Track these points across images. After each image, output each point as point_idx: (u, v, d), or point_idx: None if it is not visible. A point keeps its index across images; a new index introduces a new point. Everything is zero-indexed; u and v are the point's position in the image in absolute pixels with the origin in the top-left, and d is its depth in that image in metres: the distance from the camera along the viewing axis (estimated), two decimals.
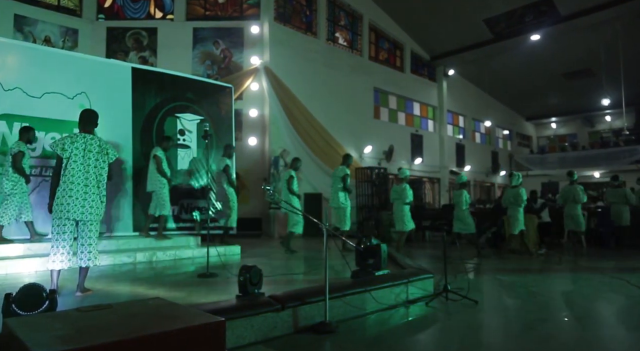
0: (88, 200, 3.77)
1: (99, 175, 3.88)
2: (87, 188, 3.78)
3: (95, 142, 3.89)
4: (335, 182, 7.84)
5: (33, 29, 11.52)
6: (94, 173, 3.82)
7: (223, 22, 12.70)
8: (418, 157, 17.54)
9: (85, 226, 3.85)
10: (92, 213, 3.80)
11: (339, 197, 7.73)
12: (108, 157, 3.94)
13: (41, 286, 2.41)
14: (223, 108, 8.63)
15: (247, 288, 3.22)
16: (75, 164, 3.77)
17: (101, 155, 3.89)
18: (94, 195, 3.81)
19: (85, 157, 3.80)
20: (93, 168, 3.82)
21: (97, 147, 3.88)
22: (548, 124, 27.49)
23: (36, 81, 6.46)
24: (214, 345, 1.81)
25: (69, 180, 3.75)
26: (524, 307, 4.34)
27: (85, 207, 3.76)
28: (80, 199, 3.74)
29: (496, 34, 16.44)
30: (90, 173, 3.81)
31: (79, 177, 3.76)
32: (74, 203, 3.73)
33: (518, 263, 7.25)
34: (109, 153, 3.95)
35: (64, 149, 3.78)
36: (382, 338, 3.33)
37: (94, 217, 3.82)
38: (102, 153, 3.90)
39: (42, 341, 1.50)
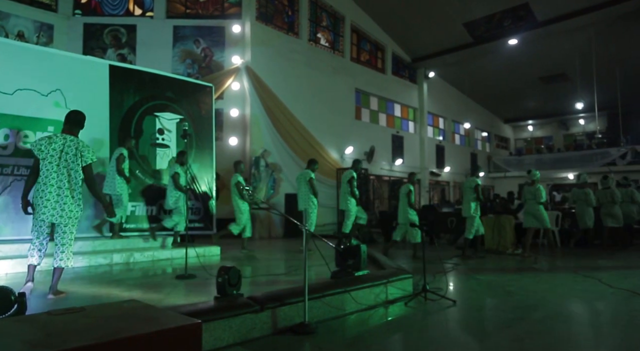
0: (60, 202, 3.76)
1: (74, 178, 3.82)
2: (60, 190, 3.76)
3: (74, 144, 3.84)
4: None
5: (5, 23, 11.18)
6: (68, 175, 3.79)
7: (204, 21, 12.57)
8: (399, 158, 17.70)
9: (59, 228, 3.83)
10: (65, 216, 3.78)
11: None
12: (82, 159, 3.85)
13: (9, 289, 2.33)
14: (203, 108, 8.54)
15: (225, 289, 3.18)
16: (50, 165, 3.75)
17: (76, 158, 3.83)
18: (67, 198, 3.78)
19: (61, 159, 3.77)
20: (68, 171, 3.79)
21: (74, 149, 3.83)
22: (525, 127, 28.13)
23: (8, 77, 6.27)
24: (190, 348, 1.78)
25: (43, 181, 3.75)
26: (500, 306, 4.41)
27: (57, 209, 3.75)
28: (53, 201, 3.74)
29: (476, 37, 16.73)
30: (64, 175, 3.77)
31: (53, 179, 3.74)
32: (48, 205, 3.72)
33: (495, 263, 7.38)
34: (84, 156, 3.86)
35: (40, 150, 3.76)
36: (361, 339, 3.34)
37: (67, 219, 3.80)
38: (77, 156, 3.83)
39: (10, 347, 1.45)
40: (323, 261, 4.33)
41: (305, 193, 7.81)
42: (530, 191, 8.07)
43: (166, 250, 6.76)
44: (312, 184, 7.83)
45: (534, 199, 7.96)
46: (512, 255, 8.15)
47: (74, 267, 5.50)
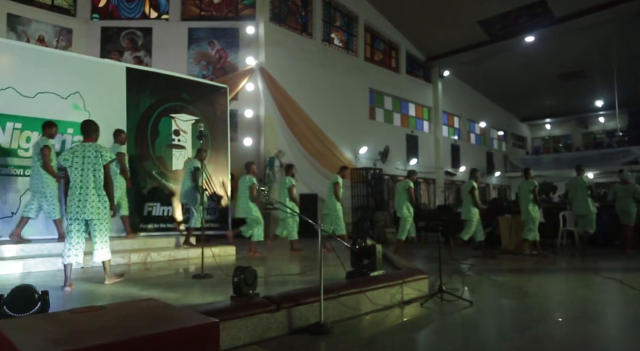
0: (88, 200, 4.19)
1: (97, 178, 4.26)
2: (86, 190, 4.21)
3: (93, 148, 4.30)
4: None
5: (27, 28, 11.44)
6: (92, 176, 4.24)
7: (218, 23, 12.68)
8: (413, 158, 17.59)
9: (91, 225, 4.30)
10: (94, 213, 4.21)
11: None
12: (102, 159, 4.29)
13: (33, 287, 2.39)
14: (218, 109, 8.61)
15: (241, 289, 3.21)
16: (76, 170, 4.24)
17: (97, 160, 4.27)
18: (93, 196, 4.21)
19: (84, 163, 4.25)
20: (91, 173, 4.24)
21: (94, 152, 4.29)
22: (542, 125, 27.68)
23: (29, 81, 6.42)
24: (208, 347, 1.80)
25: (71, 185, 4.25)
26: (518, 307, 4.35)
27: (84, 207, 4.18)
28: (77, 200, 4.19)
29: (491, 35, 16.53)
30: (89, 177, 4.23)
31: (79, 181, 4.22)
32: (74, 204, 4.19)
33: (512, 263, 7.28)
34: (103, 156, 4.30)
35: (66, 160, 4.28)
36: (377, 339, 3.33)
37: (96, 215, 4.23)
38: (98, 157, 4.28)
39: (34, 343, 1.48)
40: (337, 261, 4.32)
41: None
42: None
43: (182, 250, 6.83)
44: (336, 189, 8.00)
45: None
46: (529, 256, 8.03)
47: (93, 266, 5.62)
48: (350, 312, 3.72)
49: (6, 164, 6.17)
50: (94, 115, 6.94)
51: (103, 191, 4.29)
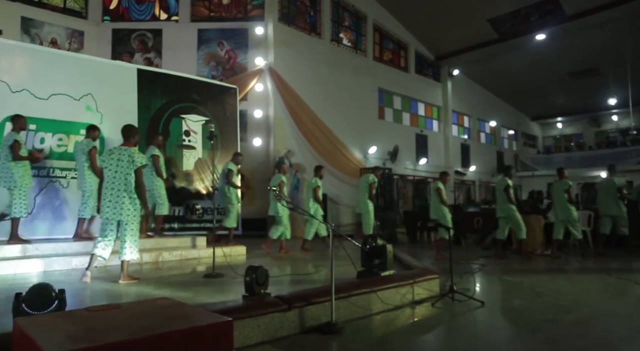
0: (119, 202, 4.42)
1: (129, 181, 4.46)
2: (118, 192, 4.43)
3: (127, 152, 4.51)
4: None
5: (40, 31, 11.61)
6: (123, 179, 4.44)
7: (227, 23, 12.74)
8: (423, 157, 17.52)
9: (122, 225, 4.50)
10: (124, 214, 4.42)
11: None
12: (134, 164, 4.48)
13: (51, 286, 2.43)
14: (228, 109, 8.67)
15: (253, 288, 3.23)
16: (110, 172, 4.48)
17: (129, 164, 4.47)
18: (125, 199, 4.42)
19: (118, 166, 4.47)
20: (123, 176, 4.45)
21: (128, 156, 4.49)
22: (554, 124, 27.38)
23: (43, 83, 6.52)
24: (222, 345, 1.82)
25: (105, 186, 4.51)
26: (530, 308, 4.32)
27: (117, 208, 4.41)
28: (111, 201, 4.43)
29: (501, 33, 16.39)
30: (121, 180, 4.44)
31: (112, 183, 4.46)
32: (110, 205, 4.43)
33: (524, 264, 7.22)
34: (135, 161, 4.49)
35: (103, 161, 4.56)
36: (388, 339, 3.33)
37: (126, 217, 4.43)
38: (130, 161, 4.47)
39: (53, 340, 1.51)
40: (348, 261, 4.33)
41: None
42: None
43: (194, 250, 6.88)
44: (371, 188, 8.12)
45: None
46: (541, 256, 7.95)
47: (107, 266, 5.69)
48: (361, 312, 3.73)
49: None
50: (106, 116, 7.05)
51: (134, 194, 4.47)
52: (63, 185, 6.59)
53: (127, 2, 12.87)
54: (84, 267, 4.61)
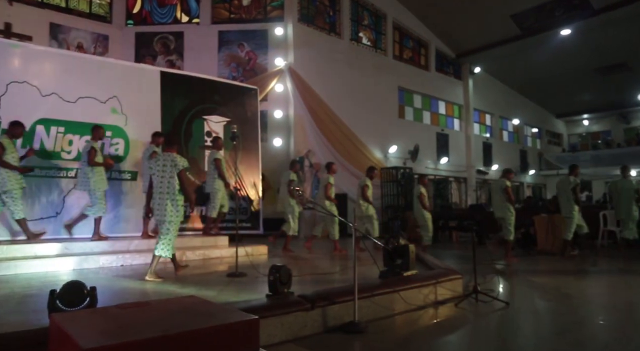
0: (162, 204, 4.74)
1: (170, 184, 4.77)
2: (162, 195, 4.76)
3: (170, 158, 4.83)
4: None
5: (67, 36, 11.95)
6: (167, 182, 4.76)
7: (248, 25, 12.86)
8: (444, 156, 17.32)
9: (162, 225, 4.81)
10: (167, 215, 4.74)
11: None
12: (176, 167, 4.78)
13: (83, 283, 2.51)
14: (249, 110, 8.75)
15: (277, 287, 3.26)
16: (156, 178, 4.82)
17: (172, 168, 4.77)
18: (167, 201, 4.74)
19: (164, 172, 4.79)
20: (167, 180, 4.77)
21: (170, 161, 4.80)
22: (580, 121, 26.67)
23: (71, 86, 6.71)
24: (249, 343, 1.84)
25: (154, 190, 4.83)
26: (557, 310, 4.23)
27: (161, 210, 4.74)
28: (158, 204, 4.77)
29: (524, 29, 16.06)
30: (165, 184, 4.76)
31: (159, 187, 4.80)
32: (155, 208, 4.80)
33: (549, 264, 7.07)
34: (177, 165, 4.79)
35: (151, 168, 4.91)
36: (411, 339, 3.31)
37: (168, 217, 4.75)
38: (173, 166, 4.77)
39: (88, 335, 1.56)
40: (370, 260, 4.32)
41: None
42: None
43: (216, 249, 6.97)
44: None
45: None
46: (567, 257, 7.77)
47: (132, 264, 5.83)
48: (384, 312, 3.72)
49: (50, 166, 6.47)
50: (130, 118, 7.22)
51: (176, 196, 4.78)
52: None
53: (149, 5, 13.13)
54: (111, 265, 4.75)
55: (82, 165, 6.14)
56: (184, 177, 4.85)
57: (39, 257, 5.47)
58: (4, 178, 5.48)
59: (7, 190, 5.51)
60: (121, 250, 6.12)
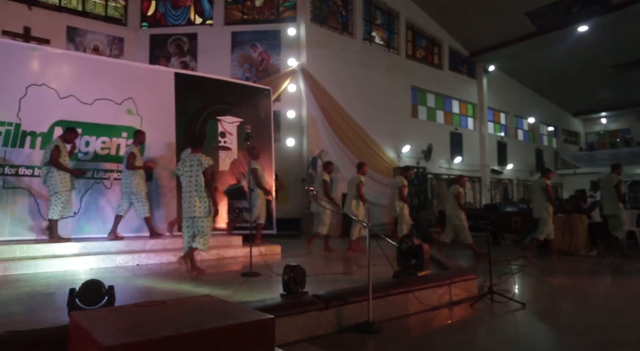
0: (191, 202, 5.01)
1: (198, 183, 5.03)
2: (190, 193, 5.04)
3: (197, 158, 5.09)
4: None
5: (83, 39, 12.14)
6: (195, 182, 5.03)
7: (260, 26, 12.91)
8: (458, 156, 17.16)
9: (195, 221, 5.09)
10: (197, 212, 5.00)
11: None
12: (202, 166, 5.03)
13: (101, 282, 2.55)
14: (262, 110, 8.78)
15: (291, 287, 3.27)
16: (184, 178, 5.11)
17: (198, 167, 5.03)
18: (195, 199, 5.00)
19: (191, 172, 5.06)
20: (194, 179, 5.03)
21: (197, 161, 5.07)
22: (597, 119, 26.17)
23: (88, 88, 6.81)
24: (265, 342, 1.85)
25: (183, 189, 5.14)
26: (575, 311, 4.17)
27: (191, 207, 5.00)
28: (185, 202, 5.07)
29: (540, 26, 15.81)
30: (193, 183, 5.03)
31: (185, 186, 5.09)
32: (184, 205, 5.09)
33: (566, 265, 6.96)
34: (202, 164, 5.04)
35: (178, 169, 5.23)
36: (426, 339, 3.29)
37: (197, 214, 5.00)
38: (199, 165, 5.03)
39: (107, 333, 1.59)
40: (381, 261, 4.30)
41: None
42: None
43: (230, 249, 7.02)
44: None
45: None
46: (585, 257, 7.64)
47: (147, 264, 5.90)
48: (398, 312, 3.70)
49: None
50: (145, 119, 7.30)
51: (204, 193, 5.02)
52: (106, 186, 6.87)
53: (163, 8, 13.27)
54: (127, 265, 4.81)
55: (124, 169, 6.40)
56: (208, 176, 5.06)
57: (57, 256, 5.57)
58: (56, 179, 5.80)
59: (57, 192, 5.81)
60: (137, 250, 6.20)
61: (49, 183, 5.81)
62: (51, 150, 5.79)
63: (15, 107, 6.20)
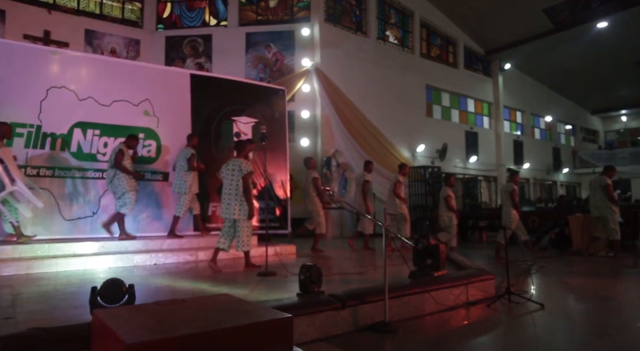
0: (230, 204, 5.30)
1: (237, 187, 5.31)
2: (229, 196, 5.32)
3: (238, 163, 5.36)
4: None
5: (100, 41, 12.35)
6: (235, 185, 5.31)
7: (274, 26, 12.96)
8: (473, 155, 16.98)
9: (235, 223, 5.39)
10: (235, 214, 5.29)
11: None
12: (241, 172, 5.29)
13: (122, 281, 2.60)
14: (277, 111, 8.82)
15: (308, 286, 3.28)
16: (225, 180, 5.40)
17: (238, 172, 5.30)
18: (234, 201, 5.29)
19: (232, 175, 5.34)
20: (234, 182, 5.32)
21: (238, 166, 5.33)
22: (617, 117, 25.63)
23: (106, 90, 6.93)
24: (284, 341, 1.87)
25: (223, 191, 5.42)
26: (595, 313, 4.09)
27: (230, 210, 5.30)
28: (225, 204, 5.36)
29: (558, 23, 15.54)
30: (232, 186, 5.32)
31: (227, 189, 5.35)
32: (224, 207, 5.38)
33: (585, 265, 6.84)
34: (242, 170, 5.30)
35: (222, 172, 5.48)
36: (443, 339, 3.27)
37: (236, 216, 5.29)
38: (239, 170, 5.30)
39: (131, 331, 1.62)
40: (399, 260, 4.28)
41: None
42: None
43: None
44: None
45: None
46: (605, 258, 7.50)
47: (165, 263, 5.98)
48: (414, 312, 3.69)
49: (87, 168, 6.71)
50: (162, 120, 7.40)
51: (241, 197, 5.27)
52: None
53: (179, 10, 13.42)
54: (145, 264, 4.88)
55: (179, 170, 6.77)
56: (247, 182, 5.32)
57: (77, 255, 5.69)
58: (123, 180, 6.18)
59: (127, 191, 6.20)
60: (154, 249, 6.29)
61: (117, 185, 6.20)
62: (115, 154, 6.19)
63: (36, 109, 6.35)
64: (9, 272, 4.93)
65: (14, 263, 5.10)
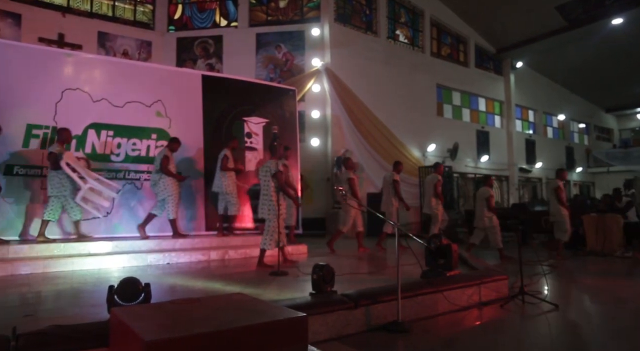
0: (263, 204, 5.63)
1: (267, 188, 5.58)
2: (264, 196, 5.61)
3: (270, 164, 5.64)
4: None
5: (113, 43, 12.50)
6: (266, 186, 5.60)
7: (284, 26, 12.99)
8: (484, 155, 16.84)
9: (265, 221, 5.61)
10: (264, 213, 5.61)
11: None
12: (271, 172, 5.54)
13: (138, 280, 2.64)
14: (287, 111, 8.84)
15: (320, 285, 3.29)
16: (263, 181, 5.67)
17: (268, 173, 5.56)
18: (265, 201, 5.59)
19: (265, 177, 5.63)
20: (268, 183, 5.58)
21: (269, 168, 5.60)
22: (632, 115, 25.20)
23: (119, 92, 7.02)
24: (298, 340, 1.88)
25: (260, 192, 5.69)
26: (611, 314, 4.04)
27: (264, 208, 5.60)
28: (260, 204, 5.69)
29: (571, 21, 15.33)
30: (265, 187, 5.61)
31: (263, 189, 5.65)
32: (259, 206, 5.72)
33: (601, 266, 6.75)
34: (271, 170, 5.56)
35: (259, 173, 5.86)
36: (457, 339, 3.26)
37: (265, 215, 5.59)
38: (270, 171, 5.55)
39: (149, 329, 1.64)
40: (412, 260, 4.27)
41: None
42: None
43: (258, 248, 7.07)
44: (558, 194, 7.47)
45: None
46: (621, 258, 7.39)
47: (178, 262, 6.04)
48: (427, 311, 3.68)
49: (101, 169, 6.79)
50: (174, 121, 7.47)
51: (271, 196, 5.51)
52: (137, 187, 7.06)
53: (190, 11, 13.53)
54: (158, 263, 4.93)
55: (217, 171, 7.01)
56: (277, 179, 5.50)
57: (92, 254, 5.76)
58: (169, 184, 6.43)
59: (171, 194, 6.44)
60: (167, 249, 6.35)
61: (162, 188, 6.41)
62: (161, 160, 6.38)
63: (51, 110, 6.45)
64: (27, 271, 5.02)
65: (31, 262, 5.19)
